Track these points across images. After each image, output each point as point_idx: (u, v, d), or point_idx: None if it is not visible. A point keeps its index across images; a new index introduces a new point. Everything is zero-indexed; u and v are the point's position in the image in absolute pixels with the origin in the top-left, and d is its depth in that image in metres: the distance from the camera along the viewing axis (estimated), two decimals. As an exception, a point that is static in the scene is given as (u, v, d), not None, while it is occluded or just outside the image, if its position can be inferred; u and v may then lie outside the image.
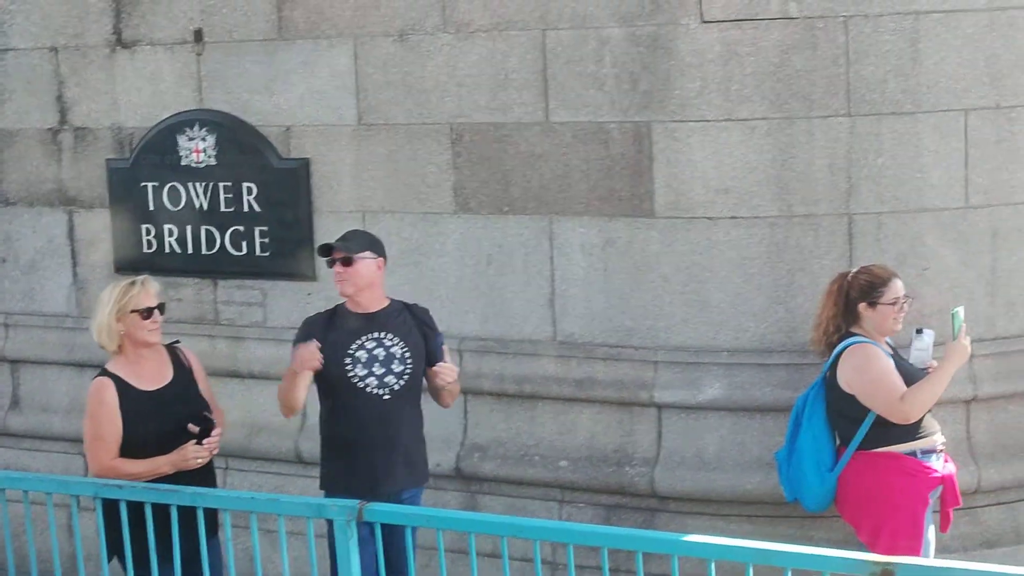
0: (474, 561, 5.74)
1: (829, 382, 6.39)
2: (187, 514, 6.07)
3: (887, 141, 6.77)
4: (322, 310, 6.71)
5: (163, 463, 6.33)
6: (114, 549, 6.34)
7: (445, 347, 6.56)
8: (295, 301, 7.84)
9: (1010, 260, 6.95)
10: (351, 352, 6.41)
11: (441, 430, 7.48)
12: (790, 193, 6.82)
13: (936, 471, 6.31)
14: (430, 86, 7.40)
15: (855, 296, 6.38)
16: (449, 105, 7.37)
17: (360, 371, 6.39)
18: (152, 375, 6.49)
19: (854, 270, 6.49)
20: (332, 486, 6.45)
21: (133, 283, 6.46)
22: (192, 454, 6.34)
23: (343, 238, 6.62)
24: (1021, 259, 6.97)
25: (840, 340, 6.39)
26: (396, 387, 6.41)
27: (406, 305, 6.62)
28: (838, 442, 6.41)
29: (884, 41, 6.72)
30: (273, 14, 7.75)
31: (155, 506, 6.09)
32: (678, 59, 6.84)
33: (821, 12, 6.72)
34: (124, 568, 6.33)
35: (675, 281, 6.99)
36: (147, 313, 6.42)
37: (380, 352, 6.42)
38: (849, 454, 6.33)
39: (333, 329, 6.46)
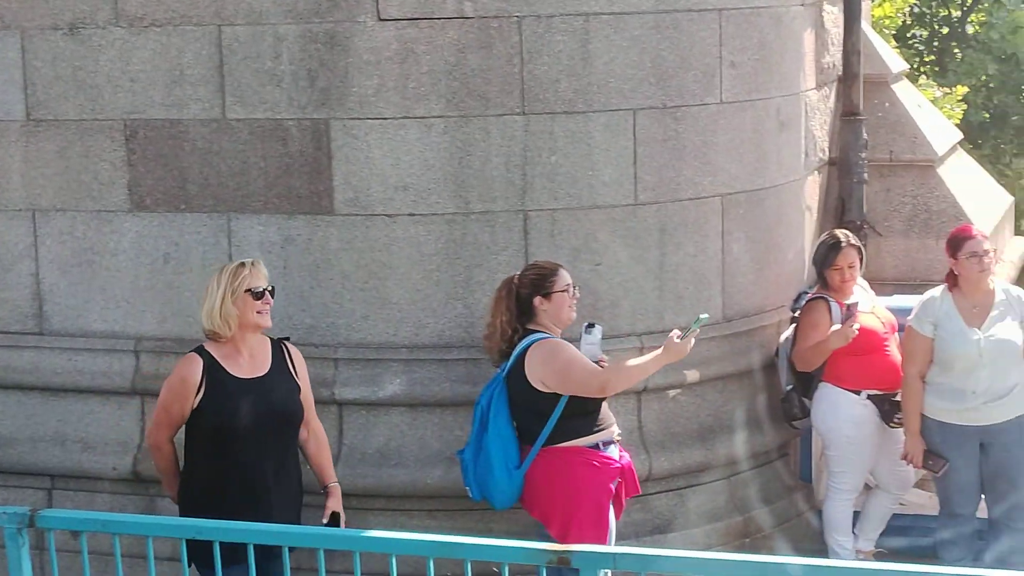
0: (152, 565, 5.62)
1: (512, 380, 6.42)
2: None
3: (560, 139, 6.93)
4: None
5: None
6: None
7: None
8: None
9: (677, 255, 7.20)
10: None
11: (118, 434, 7.34)
12: (467, 190, 6.91)
13: (616, 462, 6.46)
14: (102, 81, 7.23)
15: (527, 292, 6.44)
16: (122, 101, 7.21)
17: None
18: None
19: (518, 272, 6.57)
20: None
21: (243, 264, 6.12)
22: None
23: None
24: (688, 254, 7.23)
25: (521, 339, 6.46)
26: None
27: None
28: (523, 440, 6.46)
29: (556, 41, 6.88)
30: (-65, 5, 7.44)
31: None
32: (356, 56, 6.86)
33: (495, 12, 6.83)
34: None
35: (355, 278, 7.00)
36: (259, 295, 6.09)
37: None
38: (536, 450, 6.38)
39: None
